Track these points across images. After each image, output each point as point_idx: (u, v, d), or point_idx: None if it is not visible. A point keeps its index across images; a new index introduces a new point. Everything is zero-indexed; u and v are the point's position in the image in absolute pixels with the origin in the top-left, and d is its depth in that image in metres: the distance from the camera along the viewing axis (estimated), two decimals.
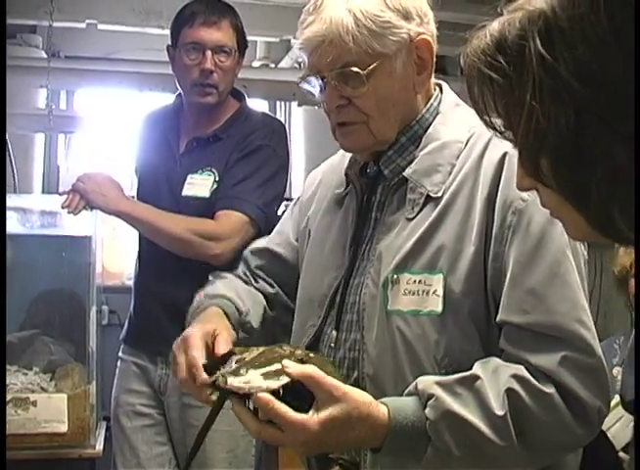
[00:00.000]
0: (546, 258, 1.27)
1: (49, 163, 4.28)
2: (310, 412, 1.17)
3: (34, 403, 2.51)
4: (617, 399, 2.77)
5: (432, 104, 1.47)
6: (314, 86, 1.44)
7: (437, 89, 1.51)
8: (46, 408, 2.51)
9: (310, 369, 1.19)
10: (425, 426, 1.23)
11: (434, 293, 1.32)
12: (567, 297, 1.26)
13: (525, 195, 1.28)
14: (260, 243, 1.75)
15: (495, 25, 0.85)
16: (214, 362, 1.32)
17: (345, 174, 1.53)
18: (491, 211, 1.31)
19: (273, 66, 4.40)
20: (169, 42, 2.50)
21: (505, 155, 1.32)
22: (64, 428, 2.53)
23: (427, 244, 1.35)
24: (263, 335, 1.61)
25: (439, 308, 1.32)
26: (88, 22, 3.79)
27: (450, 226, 1.34)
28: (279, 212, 2.65)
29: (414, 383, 1.28)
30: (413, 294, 1.34)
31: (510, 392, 1.23)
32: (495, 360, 1.28)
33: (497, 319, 1.30)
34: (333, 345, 1.44)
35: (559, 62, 0.78)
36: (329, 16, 1.36)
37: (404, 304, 1.34)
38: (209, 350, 1.37)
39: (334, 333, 1.44)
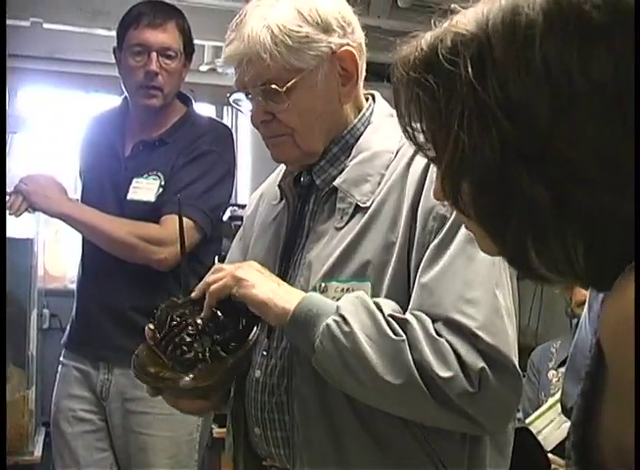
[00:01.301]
0: (445, 254, 1.29)
1: None
2: None
3: None
4: (549, 402, 2.83)
5: (363, 114, 1.47)
6: (242, 101, 1.45)
7: (370, 99, 1.51)
8: None
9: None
10: (335, 304, 1.29)
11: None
12: (452, 289, 1.27)
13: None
14: None
15: (428, 39, 0.83)
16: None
17: (279, 186, 1.54)
18: (414, 218, 1.32)
19: (221, 70, 4.39)
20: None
21: (429, 162, 1.34)
22: None
23: (354, 253, 1.36)
24: None
25: None
26: (33, 20, 3.73)
27: (377, 235, 1.35)
28: (224, 218, 2.66)
29: None
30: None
31: (405, 318, 1.27)
32: None
33: None
34: (265, 352, 1.43)
35: (489, 95, 0.76)
36: (247, 33, 1.36)
37: None
38: None
39: (266, 341, 1.44)
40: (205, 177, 2.37)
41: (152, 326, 1.41)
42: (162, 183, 2.37)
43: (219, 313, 1.38)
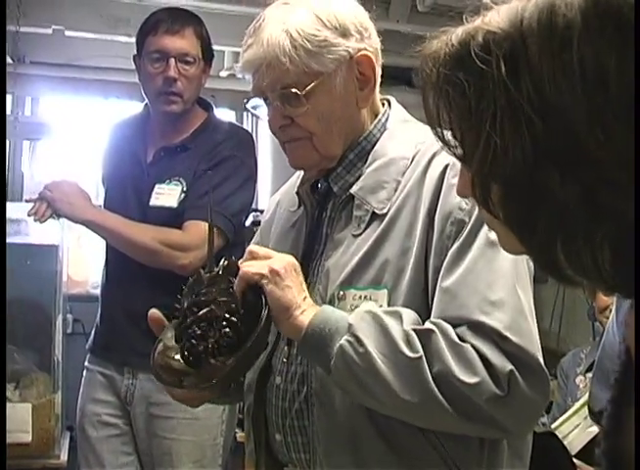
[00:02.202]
0: (466, 258, 1.28)
1: (13, 170, 4.24)
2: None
3: None
4: (575, 407, 2.82)
5: (379, 120, 1.48)
6: (260, 107, 1.46)
7: (386, 105, 1.51)
8: (10, 418, 2.48)
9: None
10: (347, 322, 1.26)
11: (379, 308, 1.33)
12: (476, 292, 1.26)
13: (463, 204, 1.30)
14: None
15: (459, 34, 0.82)
16: None
17: (297, 193, 1.54)
18: (432, 224, 1.32)
19: (240, 76, 4.41)
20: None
21: (446, 167, 1.33)
22: (28, 438, 2.51)
23: (372, 260, 1.36)
24: None
25: None
26: (55, 27, 3.77)
27: (394, 242, 1.35)
28: (247, 223, 2.67)
29: None
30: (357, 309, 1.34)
31: (426, 330, 1.25)
32: None
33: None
34: (285, 359, 1.44)
35: (522, 95, 0.75)
36: (266, 38, 1.36)
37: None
38: None
39: (286, 348, 1.44)
40: (226, 183, 2.38)
41: (177, 305, 1.37)
42: (184, 189, 2.39)
43: (239, 306, 1.32)
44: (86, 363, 2.55)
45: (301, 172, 1.57)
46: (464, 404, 1.22)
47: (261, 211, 4.13)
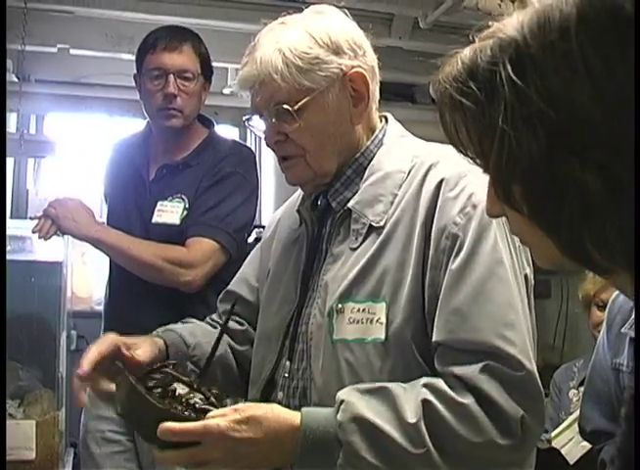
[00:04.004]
0: (472, 276, 1.29)
1: (18, 187, 4.25)
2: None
3: None
4: (568, 420, 2.82)
5: (376, 136, 1.50)
6: (258, 123, 1.49)
7: (383, 121, 1.53)
8: (14, 435, 2.48)
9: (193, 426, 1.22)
10: (336, 430, 1.24)
11: (377, 321, 1.34)
12: (490, 314, 1.27)
13: (457, 218, 1.31)
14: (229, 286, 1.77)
15: (467, 53, 0.87)
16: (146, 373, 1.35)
17: (297, 211, 1.56)
18: (428, 237, 1.33)
19: (238, 94, 4.43)
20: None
21: (442, 181, 1.35)
22: (32, 455, 2.50)
23: (370, 273, 1.37)
24: (231, 368, 1.64)
25: (383, 336, 1.33)
26: (59, 46, 3.79)
27: (392, 255, 1.36)
28: (250, 239, 2.67)
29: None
30: (357, 322, 1.36)
31: (424, 402, 1.24)
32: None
33: (432, 342, 1.32)
34: (287, 374, 1.46)
35: (530, 88, 0.79)
36: (259, 56, 1.40)
37: (349, 332, 1.36)
38: (126, 358, 1.43)
39: (287, 363, 1.46)
40: (229, 199, 2.39)
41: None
42: (187, 206, 2.40)
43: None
44: None
45: (301, 191, 1.59)
46: (479, 463, 1.24)
47: (263, 227, 4.16)
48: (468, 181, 1.34)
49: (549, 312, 3.81)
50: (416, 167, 1.42)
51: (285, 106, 1.40)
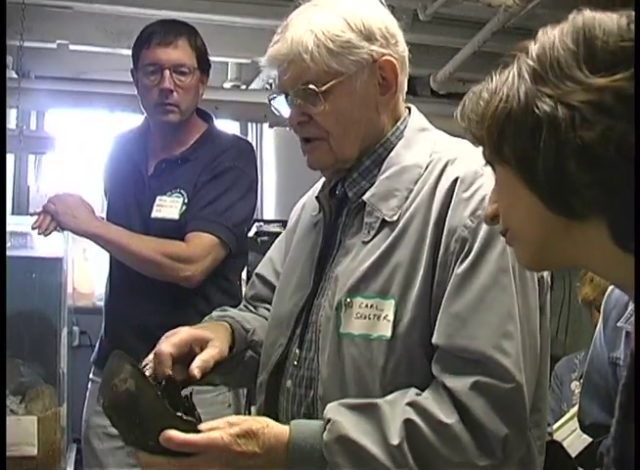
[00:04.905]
0: (476, 283, 1.28)
1: (19, 183, 4.26)
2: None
3: None
4: (571, 412, 2.81)
5: (398, 127, 1.48)
6: (282, 104, 1.48)
7: (406, 112, 1.52)
8: (16, 431, 2.48)
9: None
10: (322, 449, 1.25)
11: (384, 318, 1.33)
12: (489, 322, 1.26)
13: (468, 221, 1.30)
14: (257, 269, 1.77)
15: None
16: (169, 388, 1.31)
17: (317, 198, 1.55)
18: (439, 237, 1.32)
19: (244, 87, 4.43)
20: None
21: (456, 180, 1.34)
22: (33, 451, 2.50)
23: (380, 269, 1.36)
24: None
25: (389, 334, 1.32)
26: (59, 42, 3.80)
27: (404, 252, 1.35)
28: (250, 233, 2.67)
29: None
30: (365, 318, 1.35)
31: (408, 422, 1.24)
32: (401, 391, 1.30)
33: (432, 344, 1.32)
34: (296, 363, 1.45)
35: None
36: (291, 36, 1.40)
37: (356, 327, 1.35)
38: (191, 354, 1.39)
39: (297, 351, 1.46)
40: (227, 193, 2.38)
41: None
42: (186, 201, 2.39)
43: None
44: (91, 375, 2.56)
45: (323, 178, 1.59)
46: None
47: (266, 222, 4.17)
48: (483, 182, 1.32)
49: (552, 304, 3.79)
50: (433, 163, 1.40)
51: (311, 86, 1.40)
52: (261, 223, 3.93)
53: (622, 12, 0.88)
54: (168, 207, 2.39)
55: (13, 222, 2.76)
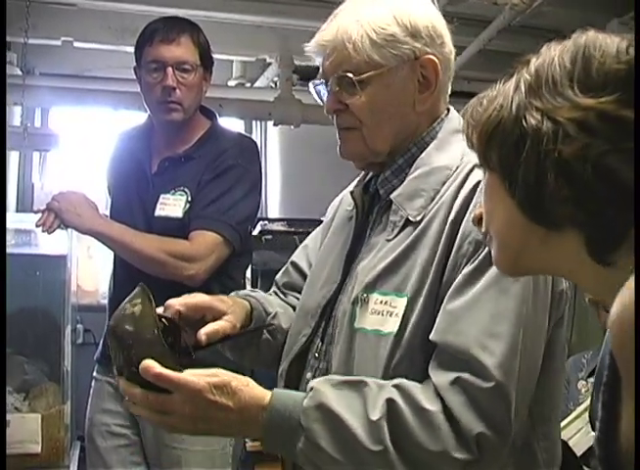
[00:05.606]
0: (477, 283, 1.28)
1: (23, 180, 4.26)
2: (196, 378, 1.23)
3: (7, 423, 2.48)
4: (577, 411, 2.81)
5: (434, 127, 1.48)
6: (322, 91, 1.51)
7: (444, 113, 1.52)
8: (19, 428, 2.49)
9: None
10: (300, 415, 1.25)
11: (395, 315, 1.34)
12: (479, 321, 1.26)
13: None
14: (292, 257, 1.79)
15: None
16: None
17: (351, 193, 1.57)
18: (454, 238, 1.32)
19: (249, 85, 4.42)
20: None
21: (478, 183, 1.33)
22: (37, 448, 2.51)
23: (398, 267, 1.37)
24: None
25: (395, 330, 1.33)
26: (63, 39, 3.79)
27: (423, 251, 1.35)
28: (255, 232, 2.66)
29: None
30: (378, 314, 1.36)
31: (390, 401, 1.24)
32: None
33: None
34: (317, 355, 1.47)
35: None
36: (338, 24, 1.43)
37: (370, 323, 1.37)
38: (202, 321, 1.44)
39: (319, 343, 1.47)
40: (231, 191, 2.38)
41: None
42: (189, 199, 2.39)
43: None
44: (94, 373, 2.55)
45: (361, 173, 1.60)
46: None
47: (270, 220, 4.17)
48: None
49: None
50: (462, 166, 1.40)
51: (349, 75, 1.41)
52: (266, 222, 3.92)
53: (626, 35, 0.90)
54: (172, 205, 2.39)
55: (17, 220, 2.77)
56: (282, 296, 1.72)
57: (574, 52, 0.90)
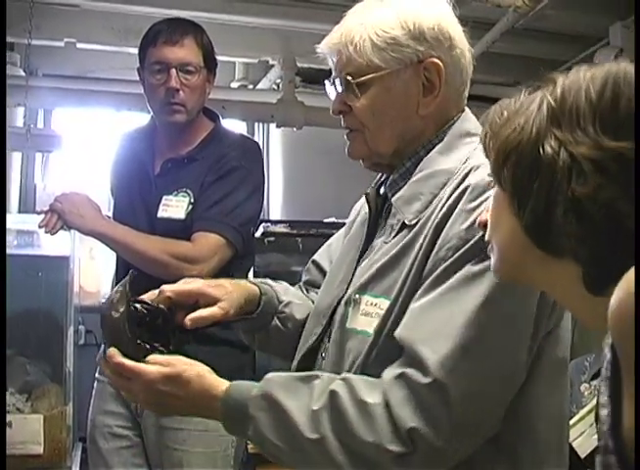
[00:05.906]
0: (443, 285, 1.27)
1: (26, 181, 4.26)
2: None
3: (9, 424, 2.49)
4: (580, 414, 2.81)
5: (444, 131, 1.47)
6: (332, 92, 1.52)
7: (456, 116, 1.49)
8: (21, 429, 2.49)
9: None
10: (248, 404, 1.30)
11: (380, 316, 1.35)
12: (433, 318, 1.26)
13: (463, 233, 1.28)
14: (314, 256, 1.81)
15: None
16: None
17: (366, 194, 1.57)
18: (435, 242, 1.32)
19: (252, 87, 4.42)
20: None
21: (465, 189, 1.32)
22: (39, 449, 2.51)
23: (390, 270, 1.37)
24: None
25: (377, 330, 1.34)
26: (67, 40, 3.80)
27: (412, 255, 1.35)
28: (257, 234, 2.66)
29: None
30: (367, 315, 1.37)
31: (332, 392, 1.26)
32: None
33: None
34: (324, 354, 1.48)
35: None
36: (343, 27, 1.45)
37: (360, 323, 1.38)
38: (196, 306, 1.50)
39: (327, 342, 1.48)
40: (234, 193, 2.38)
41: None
42: (192, 200, 2.39)
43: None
44: (96, 375, 2.55)
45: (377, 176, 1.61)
46: (369, 465, 1.24)
47: (273, 222, 4.17)
48: (491, 195, 1.31)
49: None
50: (461, 169, 1.39)
51: (349, 78, 1.42)
52: (268, 224, 3.92)
53: None
54: (174, 206, 2.39)
55: (19, 221, 2.77)
56: (305, 292, 1.74)
57: (604, 84, 0.88)
